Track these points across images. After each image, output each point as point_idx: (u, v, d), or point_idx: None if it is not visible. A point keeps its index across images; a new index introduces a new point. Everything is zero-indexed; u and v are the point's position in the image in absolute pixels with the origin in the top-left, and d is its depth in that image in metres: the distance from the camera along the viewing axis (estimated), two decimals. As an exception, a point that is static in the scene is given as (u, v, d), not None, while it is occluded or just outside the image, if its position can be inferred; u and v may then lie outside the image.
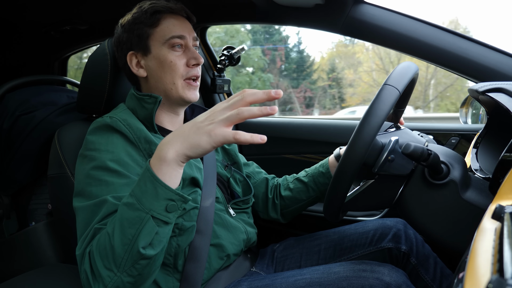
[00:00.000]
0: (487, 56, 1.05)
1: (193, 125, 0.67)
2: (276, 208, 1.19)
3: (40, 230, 1.21)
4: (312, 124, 1.62)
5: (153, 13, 0.95)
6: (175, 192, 0.68)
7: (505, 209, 0.45)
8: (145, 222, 0.67)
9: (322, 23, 1.24)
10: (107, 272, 0.68)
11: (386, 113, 0.73)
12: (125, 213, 0.68)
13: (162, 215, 0.68)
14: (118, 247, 0.67)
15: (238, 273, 1.00)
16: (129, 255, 0.67)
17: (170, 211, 0.69)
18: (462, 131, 1.34)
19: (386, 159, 0.80)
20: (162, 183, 0.67)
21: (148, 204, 0.67)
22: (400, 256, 1.00)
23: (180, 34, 0.95)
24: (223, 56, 1.67)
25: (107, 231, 0.70)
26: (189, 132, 0.66)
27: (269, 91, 0.64)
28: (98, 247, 0.70)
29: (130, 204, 0.68)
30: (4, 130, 1.26)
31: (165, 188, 0.67)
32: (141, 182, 0.69)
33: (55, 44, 1.81)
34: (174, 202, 0.69)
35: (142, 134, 0.89)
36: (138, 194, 0.68)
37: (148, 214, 0.67)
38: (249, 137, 0.63)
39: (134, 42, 0.96)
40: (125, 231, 0.67)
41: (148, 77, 0.97)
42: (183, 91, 0.96)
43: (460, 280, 0.41)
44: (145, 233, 0.67)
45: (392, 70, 0.80)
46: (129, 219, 0.67)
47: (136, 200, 0.68)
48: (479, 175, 0.85)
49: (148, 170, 0.68)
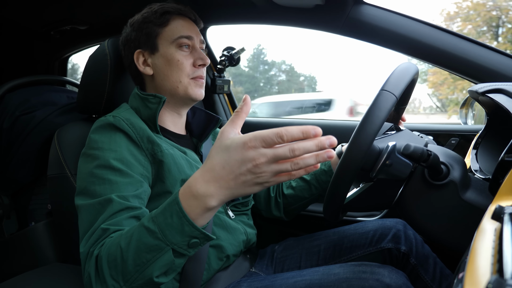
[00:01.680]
0: (486, 57, 1.05)
1: (236, 177, 0.59)
2: (279, 206, 1.19)
3: (40, 230, 1.21)
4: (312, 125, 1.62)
5: (163, 13, 0.98)
6: (202, 232, 0.65)
7: (505, 209, 0.45)
8: (164, 252, 0.65)
9: (322, 23, 1.24)
10: (112, 282, 0.67)
11: (382, 120, 0.73)
12: (144, 237, 0.65)
13: (183, 249, 0.66)
14: (130, 265, 0.65)
15: (238, 274, 1.00)
16: (139, 275, 0.66)
17: (192, 247, 0.66)
18: (462, 131, 1.34)
19: (383, 164, 0.80)
20: (191, 222, 0.63)
21: (171, 237, 0.64)
22: (400, 257, 1.01)
23: (188, 34, 0.97)
24: (223, 57, 1.67)
25: (119, 245, 0.67)
26: (236, 185, 0.59)
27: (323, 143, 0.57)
28: (108, 255, 0.68)
29: (151, 231, 0.65)
30: (4, 130, 1.26)
31: (192, 227, 0.63)
32: (166, 213, 0.64)
33: (55, 44, 1.81)
34: (198, 239, 0.65)
35: (145, 133, 0.89)
36: (161, 225, 0.64)
37: (168, 246, 0.64)
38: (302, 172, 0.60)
39: (142, 40, 0.98)
40: (141, 254, 0.65)
41: (155, 75, 0.98)
42: (190, 87, 0.97)
43: (460, 280, 0.41)
44: (162, 262, 0.65)
45: (390, 74, 0.79)
46: (147, 245, 0.65)
47: (159, 229, 0.64)
48: (479, 175, 0.85)
49: (177, 204, 0.63)
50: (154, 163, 0.89)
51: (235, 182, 0.59)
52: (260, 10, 1.31)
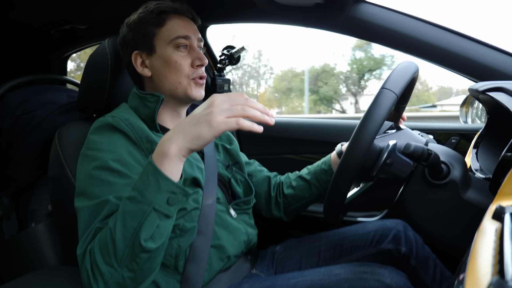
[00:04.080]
0: (487, 55, 1.04)
1: (192, 119, 0.69)
2: (279, 206, 1.19)
3: (40, 231, 1.21)
4: (312, 124, 1.62)
5: (159, 13, 0.95)
6: (177, 185, 0.70)
7: (506, 209, 0.44)
8: (147, 214, 0.68)
9: (322, 22, 1.24)
10: (107, 268, 0.69)
11: (383, 118, 0.73)
12: (127, 206, 0.70)
13: (164, 208, 0.70)
14: (119, 241, 0.68)
15: (239, 275, 0.99)
16: (130, 248, 0.68)
17: (171, 204, 0.70)
18: (462, 131, 1.34)
19: (384, 163, 0.80)
20: (164, 175, 0.69)
21: (150, 196, 0.69)
22: (400, 258, 1.00)
23: (185, 34, 0.95)
24: (223, 56, 1.67)
25: (108, 227, 0.71)
26: (189, 125, 0.69)
27: (268, 111, 0.70)
28: (99, 243, 0.71)
29: (132, 198, 0.70)
30: (4, 130, 1.26)
31: (167, 181, 0.69)
32: (143, 176, 0.70)
33: (55, 43, 1.81)
34: (175, 194, 0.70)
35: (144, 133, 0.89)
36: (140, 187, 0.70)
37: (150, 207, 0.68)
38: (250, 124, 0.67)
39: (139, 42, 0.97)
40: (127, 224, 0.68)
41: (153, 76, 0.97)
42: (190, 88, 0.96)
43: (461, 281, 0.41)
44: (147, 225, 0.68)
45: (390, 72, 0.79)
46: (131, 212, 0.69)
47: (138, 193, 0.69)
48: (479, 175, 0.85)
49: (151, 163, 0.70)
50: None
51: (189, 123, 0.69)
52: (260, 9, 1.31)
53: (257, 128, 0.68)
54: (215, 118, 0.67)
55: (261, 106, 0.70)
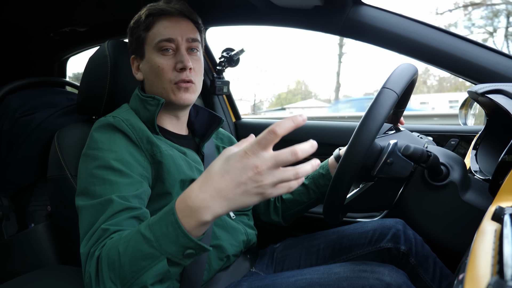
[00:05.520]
0: (486, 57, 1.05)
1: (236, 186, 0.57)
2: (278, 211, 1.19)
3: (39, 232, 1.21)
4: (312, 126, 1.62)
5: (147, 16, 0.95)
6: (197, 243, 0.63)
7: (505, 210, 0.45)
8: (158, 261, 0.64)
9: (321, 24, 1.24)
10: (111, 284, 0.67)
11: (384, 117, 0.73)
12: (140, 244, 0.65)
13: (178, 259, 0.65)
14: (127, 270, 0.65)
15: (238, 274, 1.00)
16: (135, 281, 0.65)
17: (187, 257, 0.65)
18: (462, 132, 1.34)
19: (385, 162, 0.80)
20: (186, 233, 0.61)
21: (165, 246, 0.63)
22: (399, 256, 1.01)
23: (169, 37, 0.93)
24: (222, 58, 1.67)
25: (118, 249, 0.67)
26: (234, 195, 0.58)
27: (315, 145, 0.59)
28: (108, 258, 0.68)
29: (147, 239, 0.64)
30: (4, 132, 1.26)
31: (187, 238, 0.62)
32: (162, 222, 0.64)
33: (54, 46, 1.81)
34: (193, 250, 0.64)
35: (144, 134, 0.90)
36: (157, 233, 0.64)
37: (163, 256, 0.64)
38: (297, 185, 0.60)
39: (134, 47, 0.99)
40: (137, 261, 0.64)
41: (145, 80, 0.99)
42: (172, 93, 0.94)
43: (460, 281, 0.41)
44: (156, 271, 0.64)
45: (391, 73, 0.80)
46: (142, 252, 0.64)
47: (154, 238, 0.64)
48: (479, 176, 0.85)
49: (173, 214, 0.62)
50: (153, 164, 0.89)
51: (234, 192, 0.58)
52: (259, 11, 1.31)
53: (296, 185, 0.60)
54: (267, 190, 0.57)
55: (307, 144, 0.58)
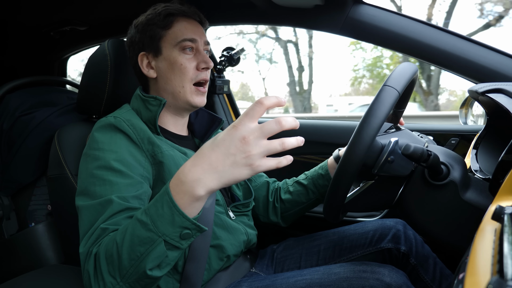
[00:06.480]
0: (486, 56, 1.05)
1: (225, 157, 0.60)
2: (277, 211, 1.19)
3: (39, 231, 1.21)
4: (312, 125, 1.62)
5: (167, 15, 0.96)
6: (193, 222, 0.65)
7: (505, 210, 0.45)
8: (156, 244, 0.65)
9: (322, 24, 1.24)
10: (110, 278, 0.67)
11: (385, 114, 0.74)
12: (137, 230, 0.66)
13: (175, 241, 0.66)
14: (125, 260, 0.66)
15: (238, 274, 1.00)
16: (134, 270, 0.66)
17: (184, 238, 0.66)
18: (462, 132, 1.34)
19: (386, 160, 0.80)
20: (181, 211, 0.63)
21: (162, 228, 0.64)
22: (400, 257, 1.00)
23: (192, 37, 0.96)
24: (222, 57, 1.67)
25: (115, 240, 0.68)
26: (224, 166, 0.60)
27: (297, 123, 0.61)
28: (105, 252, 0.69)
29: (144, 223, 0.65)
30: (4, 131, 1.26)
31: (182, 217, 0.64)
32: (157, 204, 0.65)
33: (54, 45, 1.81)
34: (189, 230, 0.66)
35: (145, 135, 0.90)
36: (153, 215, 0.65)
37: (160, 238, 0.65)
38: (286, 162, 0.61)
39: (146, 43, 0.97)
40: (135, 248, 0.65)
41: (158, 78, 0.98)
42: (191, 96, 0.96)
43: (460, 281, 0.41)
44: (155, 255, 0.65)
45: (392, 71, 0.80)
46: (140, 237, 0.65)
47: (151, 220, 0.65)
48: (479, 176, 0.85)
49: (168, 194, 0.64)
50: (154, 164, 0.89)
51: (224, 163, 0.60)
52: (260, 11, 1.31)
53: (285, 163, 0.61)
54: (255, 161, 0.59)
55: (291, 120, 0.59)
